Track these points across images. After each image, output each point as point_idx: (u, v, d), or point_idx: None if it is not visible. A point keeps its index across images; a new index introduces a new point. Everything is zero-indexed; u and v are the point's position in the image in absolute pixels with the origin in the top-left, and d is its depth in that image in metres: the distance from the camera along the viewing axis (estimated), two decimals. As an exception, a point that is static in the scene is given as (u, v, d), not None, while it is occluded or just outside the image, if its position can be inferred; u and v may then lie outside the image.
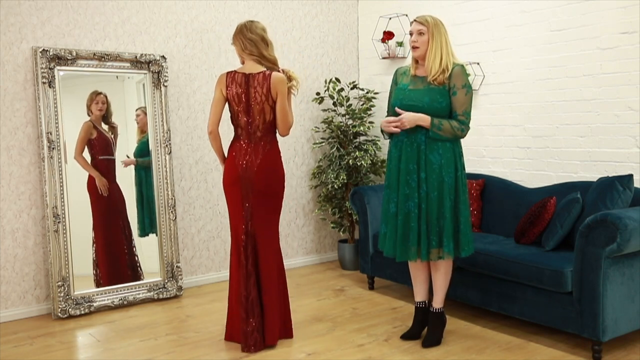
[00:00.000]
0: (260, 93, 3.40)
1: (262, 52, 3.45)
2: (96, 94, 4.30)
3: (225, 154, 3.58)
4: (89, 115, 4.29)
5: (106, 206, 4.36)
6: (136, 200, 4.51)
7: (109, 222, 4.38)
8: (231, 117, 3.50)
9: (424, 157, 3.28)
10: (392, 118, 3.31)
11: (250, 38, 3.43)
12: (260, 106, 3.42)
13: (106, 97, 4.34)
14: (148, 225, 4.54)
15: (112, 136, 4.41)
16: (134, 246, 4.48)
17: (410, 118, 3.25)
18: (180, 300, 4.50)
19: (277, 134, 3.54)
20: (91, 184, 4.29)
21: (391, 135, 3.44)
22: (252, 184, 3.42)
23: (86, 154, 4.28)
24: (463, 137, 3.32)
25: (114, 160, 4.40)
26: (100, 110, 4.32)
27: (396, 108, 3.33)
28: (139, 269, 4.48)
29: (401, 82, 3.44)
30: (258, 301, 3.42)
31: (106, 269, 4.35)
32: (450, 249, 3.29)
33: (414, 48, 3.34)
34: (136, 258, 4.48)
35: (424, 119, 3.24)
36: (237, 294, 3.47)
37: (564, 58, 4.16)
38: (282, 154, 5.20)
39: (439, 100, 3.27)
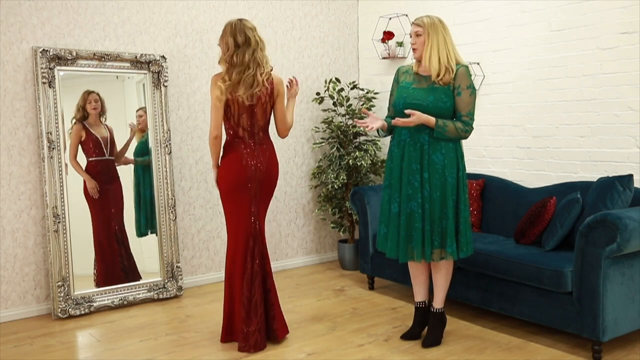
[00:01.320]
0: (265, 94, 3.42)
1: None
2: (88, 93, 4.27)
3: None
4: (85, 116, 4.27)
5: (100, 208, 4.33)
6: (134, 200, 4.50)
7: (101, 224, 4.36)
8: (230, 118, 3.46)
9: (427, 157, 3.28)
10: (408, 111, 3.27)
11: None
12: (263, 107, 3.43)
13: (99, 95, 4.31)
14: (144, 225, 4.53)
15: (106, 136, 4.36)
16: (129, 248, 4.43)
17: (417, 119, 3.24)
18: (180, 300, 4.50)
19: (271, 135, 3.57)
20: (86, 186, 4.29)
21: (390, 132, 3.45)
22: (261, 185, 3.46)
23: (83, 157, 4.27)
24: (466, 138, 3.32)
25: (105, 161, 4.36)
26: (95, 109, 4.30)
27: (406, 111, 3.29)
28: (133, 271, 4.44)
29: (404, 81, 3.44)
30: (262, 301, 3.43)
31: (102, 271, 4.34)
32: (453, 250, 3.29)
33: (413, 50, 3.37)
34: (130, 261, 4.43)
35: (428, 120, 3.23)
36: (239, 295, 3.46)
37: (564, 58, 4.16)
38: (282, 154, 5.23)
39: (444, 100, 3.27)
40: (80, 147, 4.25)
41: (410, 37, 3.38)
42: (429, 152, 3.28)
